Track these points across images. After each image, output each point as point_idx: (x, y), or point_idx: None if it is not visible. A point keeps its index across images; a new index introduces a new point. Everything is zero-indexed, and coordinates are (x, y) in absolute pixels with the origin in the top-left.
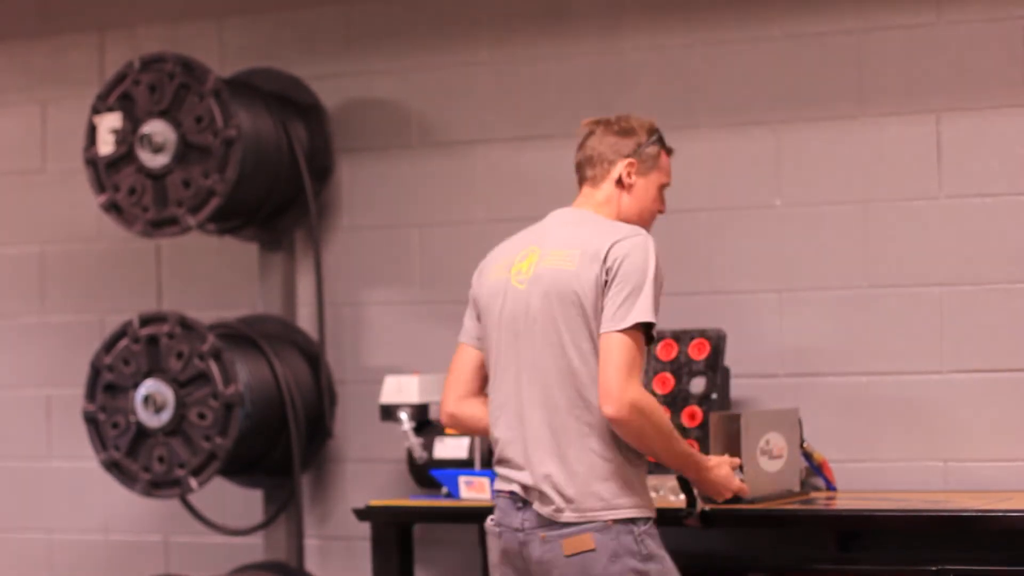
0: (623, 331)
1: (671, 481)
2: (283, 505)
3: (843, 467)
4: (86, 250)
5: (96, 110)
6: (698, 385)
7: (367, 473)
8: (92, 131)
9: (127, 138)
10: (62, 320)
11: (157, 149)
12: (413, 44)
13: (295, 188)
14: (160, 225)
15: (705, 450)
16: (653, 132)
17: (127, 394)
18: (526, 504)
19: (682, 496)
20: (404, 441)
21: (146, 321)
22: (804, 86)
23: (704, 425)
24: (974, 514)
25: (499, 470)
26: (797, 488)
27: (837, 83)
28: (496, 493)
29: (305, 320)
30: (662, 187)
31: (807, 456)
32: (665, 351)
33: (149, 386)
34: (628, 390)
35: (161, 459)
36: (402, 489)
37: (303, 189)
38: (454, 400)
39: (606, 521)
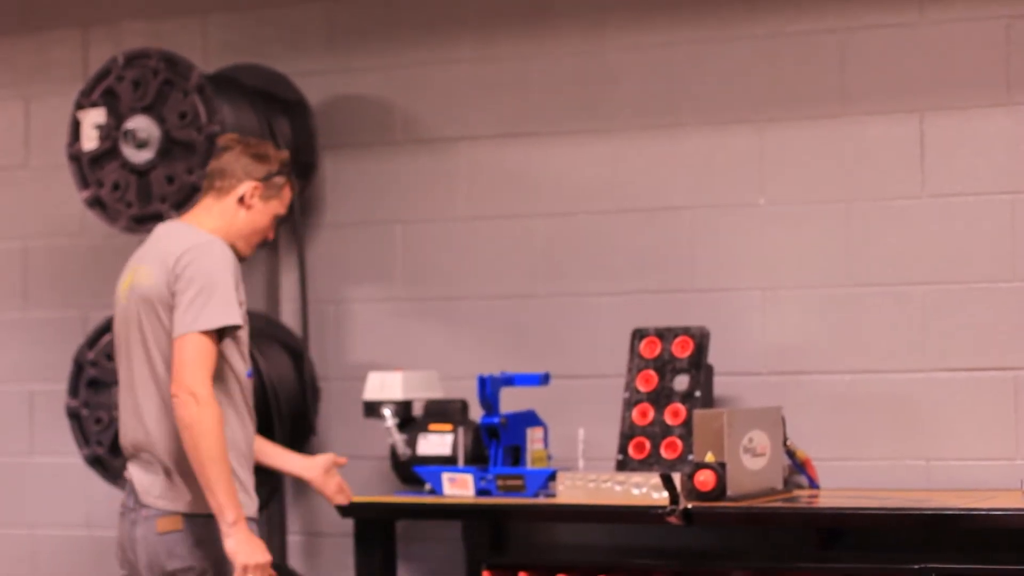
0: (195, 333)
1: (654, 478)
2: (266, 501)
3: (826, 465)
4: (69, 245)
5: (80, 106)
6: (681, 383)
7: (350, 469)
8: (76, 127)
9: (111, 134)
10: (45, 316)
11: (141, 145)
12: (398, 41)
13: None
14: (144, 221)
15: (688, 448)
16: (285, 165)
17: (110, 390)
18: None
19: (665, 493)
20: (387, 438)
21: None
22: (787, 85)
23: (687, 423)
24: (956, 513)
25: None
26: (780, 486)
27: (820, 82)
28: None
29: (289, 317)
30: (276, 216)
31: (790, 454)
32: (649, 348)
33: None
34: (197, 382)
35: None
36: (385, 485)
37: None
38: None
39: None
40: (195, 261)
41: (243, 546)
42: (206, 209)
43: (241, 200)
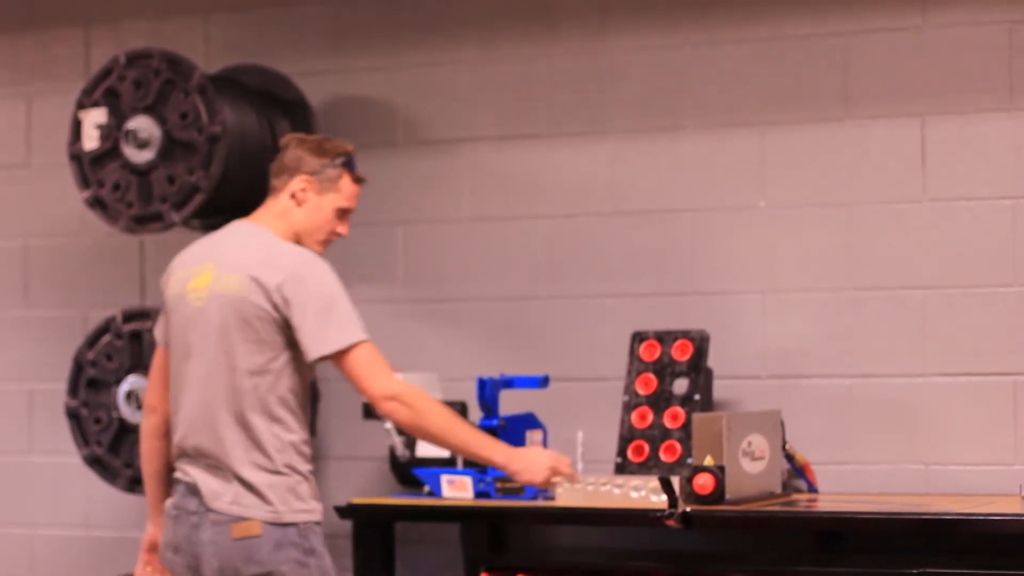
0: (345, 350)
1: (652, 481)
2: None
3: (825, 469)
4: (70, 245)
5: (81, 105)
6: (681, 386)
7: (349, 471)
8: (77, 126)
9: (112, 133)
10: (45, 315)
11: (142, 145)
12: (399, 42)
13: None
14: (144, 221)
15: (687, 451)
16: (340, 156)
17: (110, 390)
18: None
19: (663, 496)
20: (387, 439)
21: (129, 317)
22: (790, 88)
23: (687, 426)
24: (955, 517)
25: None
26: (779, 490)
27: (823, 85)
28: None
29: None
30: (341, 210)
31: (789, 458)
32: (648, 352)
33: (132, 382)
34: (385, 387)
35: None
36: (384, 487)
37: None
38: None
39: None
40: (307, 279)
41: (530, 471)
42: (268, 210)
43: (293, 196)
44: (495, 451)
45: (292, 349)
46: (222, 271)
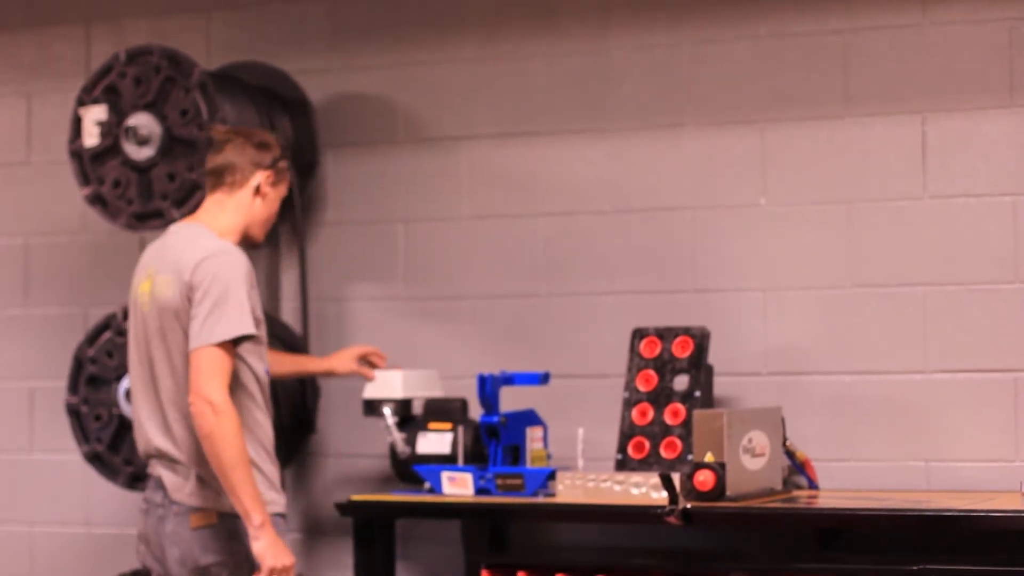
0: (210, 345)
1: (653, 478)
2: None
3: (825, 466)
4: (70, 242)
5: (81, 102)
6: (681, 383)
7: (350, 468)
8: (77, 123)
9: (112, 131)
10: (45, 312)
11: (142, 142)
12: (400, 40)
13: None
14: (144, 218)
15: (688, 448)
16: (285, 149)
17: (110, 387)
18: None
19: (664, 493)
20: (387, 436)
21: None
22: (790, 86)
23: (687, 423)
24: (955, 514)
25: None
26: (779, 487)
27: (823, 83)
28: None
29: (289, 315)
30: (283, 197)
31: (790, 455)
32: (649, 348)
33: None
34: (212, 392)
35: None
36: (385, 484)
37: None
38: None
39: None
40: (209, 272)
41: (270, 549)
42: (219, 205)
43: (257, 190)
44: (256, 512)
45: None
46: (158, 275)
